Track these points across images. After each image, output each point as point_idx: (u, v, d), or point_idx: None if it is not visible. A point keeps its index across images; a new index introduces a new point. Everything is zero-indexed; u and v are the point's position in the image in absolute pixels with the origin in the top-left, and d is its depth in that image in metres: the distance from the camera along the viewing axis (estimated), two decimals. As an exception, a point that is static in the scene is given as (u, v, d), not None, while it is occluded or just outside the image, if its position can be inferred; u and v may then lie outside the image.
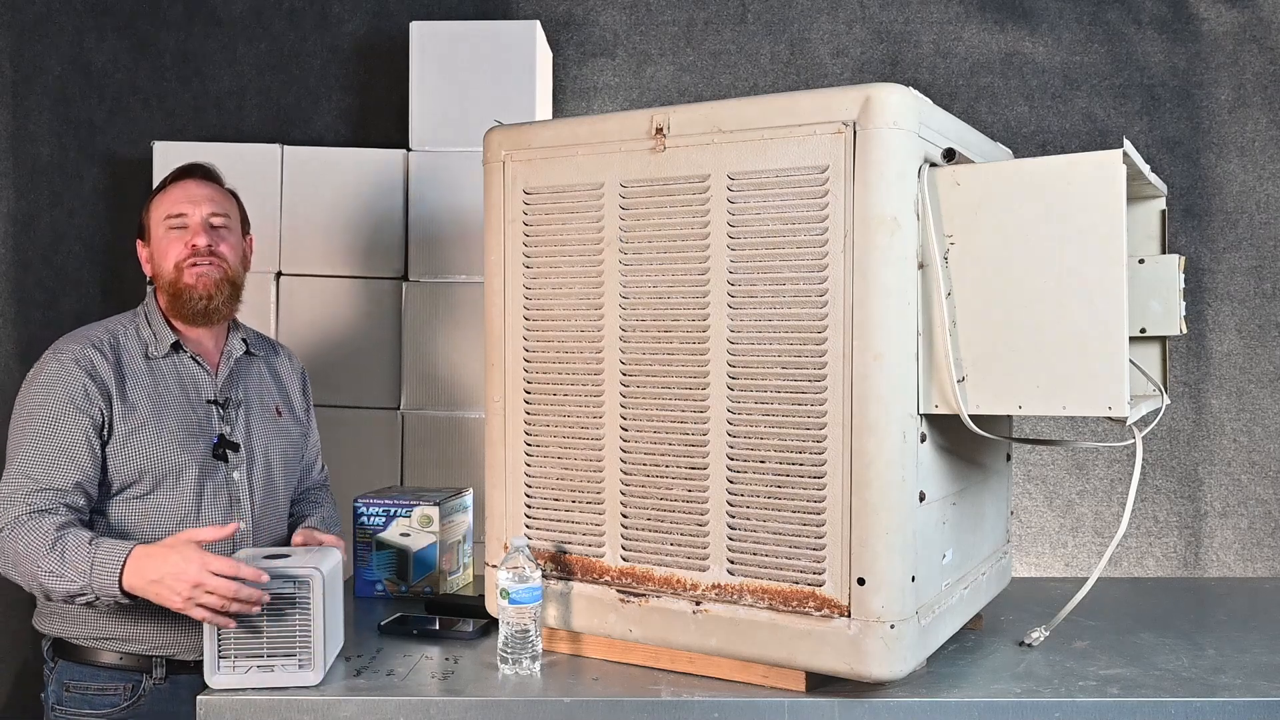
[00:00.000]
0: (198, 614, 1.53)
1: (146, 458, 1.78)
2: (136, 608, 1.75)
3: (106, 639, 1.80)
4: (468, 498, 2.24)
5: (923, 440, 1.49)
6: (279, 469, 1.96)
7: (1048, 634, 1.73)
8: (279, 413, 2.00)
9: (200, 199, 1.90)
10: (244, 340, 1.98)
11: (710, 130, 1.54)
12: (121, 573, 1.60)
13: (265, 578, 1.52)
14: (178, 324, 1.90)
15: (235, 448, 1.87)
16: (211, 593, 1.51)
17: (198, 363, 1.89)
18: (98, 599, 1.63)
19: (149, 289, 1.94)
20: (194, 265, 1.85)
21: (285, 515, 2.00)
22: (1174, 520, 3.13)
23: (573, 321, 1.66)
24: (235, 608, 1.52)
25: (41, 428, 1.74)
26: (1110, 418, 1.41)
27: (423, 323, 2.81)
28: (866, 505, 1.44)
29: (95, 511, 1.77)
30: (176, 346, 1.87)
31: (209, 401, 1.87)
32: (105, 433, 1.76)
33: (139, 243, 1.95)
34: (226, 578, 1.51)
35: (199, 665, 1.81)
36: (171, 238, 1.87)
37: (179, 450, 1.80)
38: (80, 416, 1.74)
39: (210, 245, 1.87)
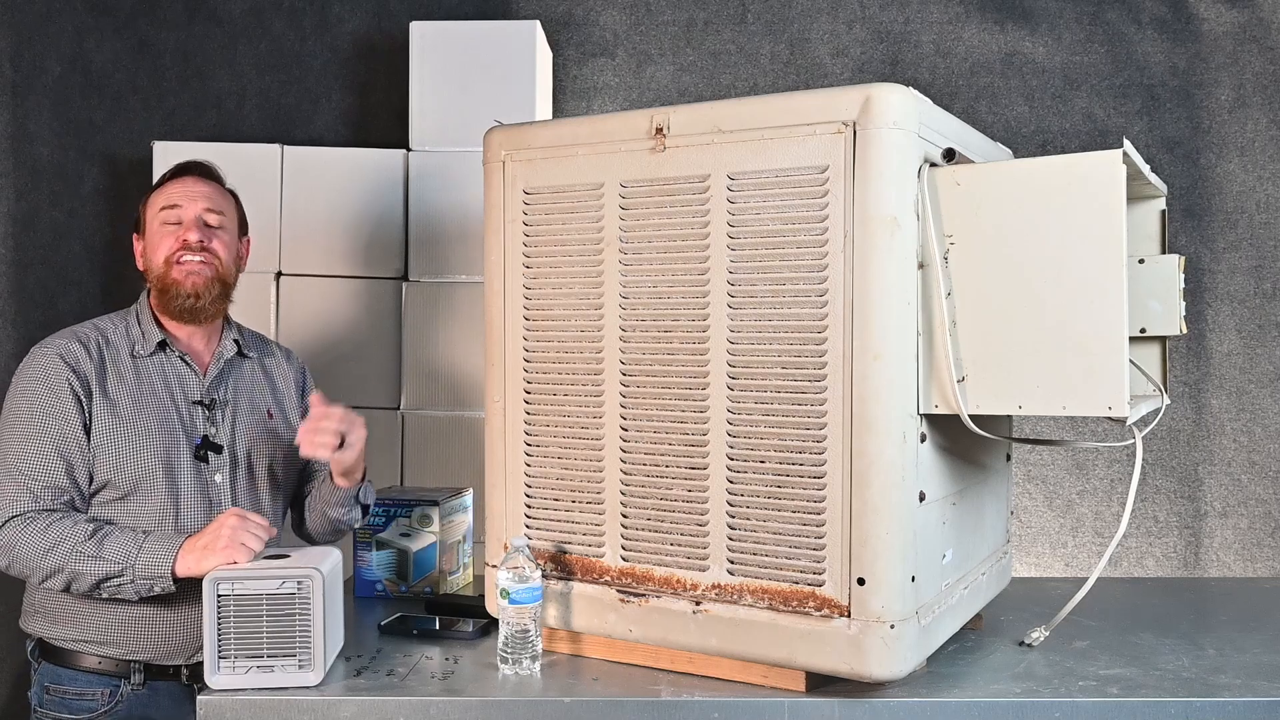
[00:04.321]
0: (244, 554, 1.61)
1: (124, 457, 1.76)
2: (117, 611, 1.75)
3: (86, 642, 1.78)
4: (468, 498, 2.24)
5: (923, 440, 1.49)
6: (263, 472, 1.92)
7: (1048, 634, 1.73)
8: (270, 415, 1.97)
9: (197, 195, 1.89)
10: (236, 341, 1.96)
11: (710, 130, 1.54)
12: (176, 558, 1.65)
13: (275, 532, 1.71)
14: (167, 322, 1.88)
15: (218, 449, 1.85)
16: (253, 532, 1.63)
17: (186, 362, 1.87)
18: (133, 583, 1.65)
19: (146, 288, 1.94)
20: (183, 261, 1.84)
21: (274, 518, 1.94)
22: (1174, 520, 3.13)
23: (573, 321, 1.66)
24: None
25: (31, 424, 1.73)
26: (1110, 418, 1.41)
27: (423, 323, 2.81)
28: (866, 505, 1.44)
29: (75, 511, 1.74)
30: (163, 345, 1.86)
31: (194, 402, 1.85)
32: (85, 429, 1.75)
33: (135, 236, 1.94)
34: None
35: (178, 671, 1.82)
36: (164, 231, 1.86)
37: (158, 451, 1.79)
38: (67, 411, 1.74)
39: (202, 241, 1.86)
